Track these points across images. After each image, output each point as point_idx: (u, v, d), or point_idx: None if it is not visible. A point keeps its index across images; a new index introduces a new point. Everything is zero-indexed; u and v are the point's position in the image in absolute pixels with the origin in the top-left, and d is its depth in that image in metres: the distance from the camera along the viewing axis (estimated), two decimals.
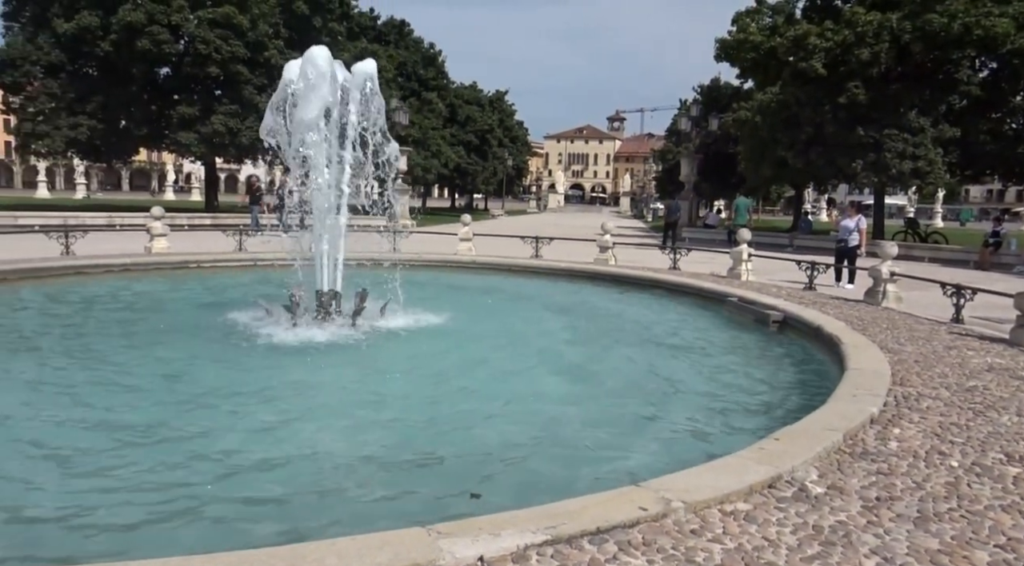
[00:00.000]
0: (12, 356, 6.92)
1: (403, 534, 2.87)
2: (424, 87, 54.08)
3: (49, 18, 32.12)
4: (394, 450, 4.76)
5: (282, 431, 5.09)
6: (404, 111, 36.81)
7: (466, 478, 4.29)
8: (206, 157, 37.48)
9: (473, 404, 5.94)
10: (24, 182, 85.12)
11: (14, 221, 23.95)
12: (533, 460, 4.66)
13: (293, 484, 4.13)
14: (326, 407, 5.87)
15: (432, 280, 12.84)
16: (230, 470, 4.31)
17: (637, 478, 3.73)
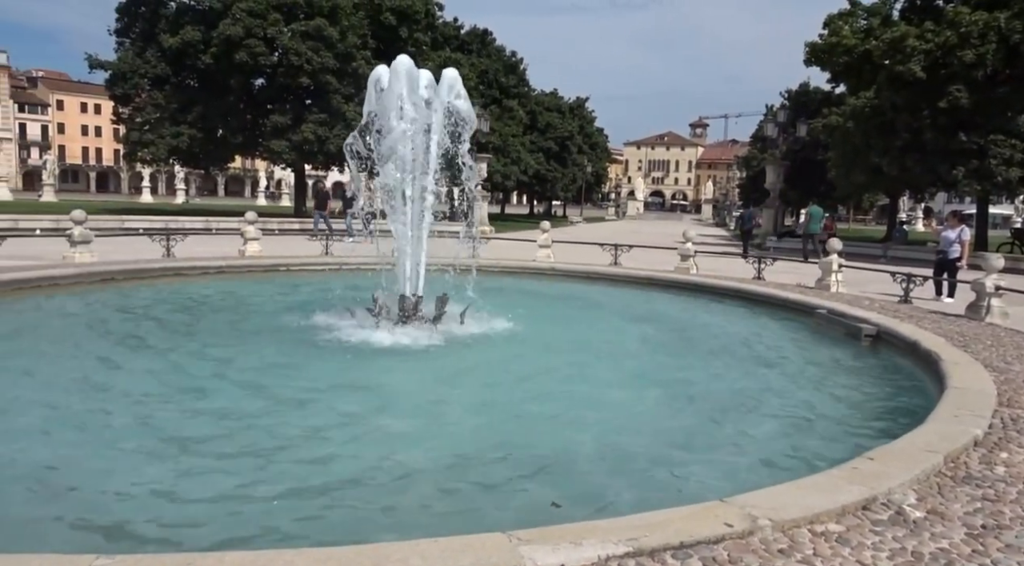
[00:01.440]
0: (123, 351, 7.35)
1: (484, 539, 2.88)
2: (505, 94, 54.56)
3: (156, 33, 34.16)
4: (474, 454, 4.80)
5: (362, 431, 5.21)
6: (485, 119, 37.21)
7: (546, 485, 4.28)
8: (296, 164, 38.95)
9: (552, 411, 5.92)
10: (130, 187, 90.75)
11: (121, 224, 25.55)
12: (612, 470, 4.61)
13: (372, 484, 4.22)
14: (405, 410, 5.98)
15: (511, 286, 12.92)
16: (309, 467, 4.43)
17: (720, 493, 3.64)
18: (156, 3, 35.47)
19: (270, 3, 33.32)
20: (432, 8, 40.60)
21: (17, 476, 4.09)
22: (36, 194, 54.82)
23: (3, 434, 4.77)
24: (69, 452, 4.50)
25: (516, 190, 74.84)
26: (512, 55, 58.41)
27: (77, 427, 4.99)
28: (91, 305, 9.74)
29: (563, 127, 66.58)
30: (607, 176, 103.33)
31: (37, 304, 9.40)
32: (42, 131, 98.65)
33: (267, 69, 35.06)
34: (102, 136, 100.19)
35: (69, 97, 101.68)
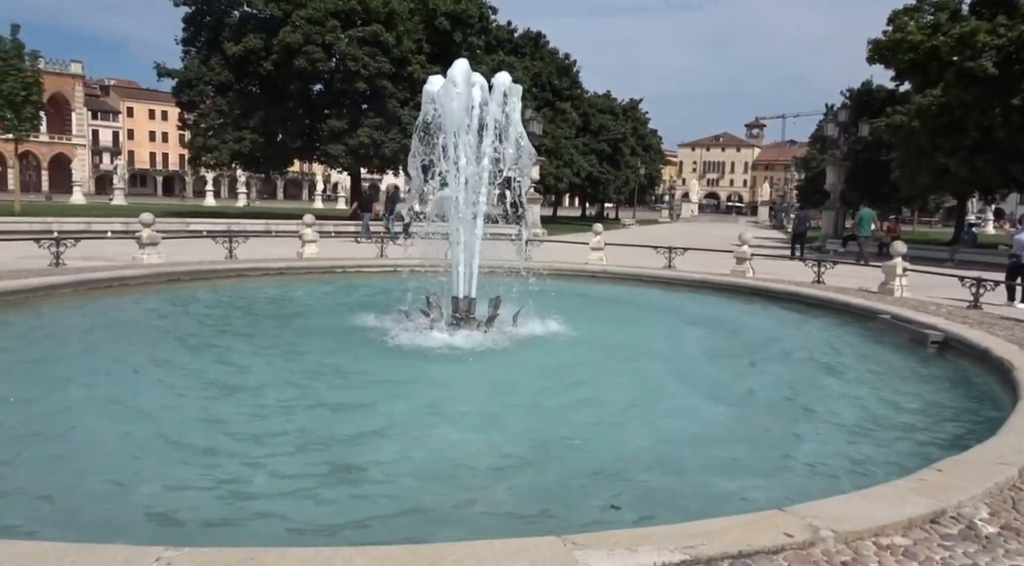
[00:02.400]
0: (186, 349, 7.60)
1: (539, 542, 2.88)
2: (558, 97, 54.50)
3: (220, 42, 35.30)
4: (527, 456, 4.80)
5: (415, 432, 5.26)
6: (538, 121, 37.26)
7: (600, 489, 4.25)
8: (352, 168, 39.71)
9: (606, 415, 5.89)
10: (194, 191, 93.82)
11: (186, 227, 26.47)
12: (667, 475, 4.55)
13: (426, 484, 4.25)
14: (458, 411, 6.02)
15: (563, 289, 12.86)
16: (363, 466, 4.49)
17: (778, 502, 3.55)
18: (220, 13, 36.66)
19: (328, 10, 34.07)
20: (486, 12, 40.88)
21: (90, 468, 4.27)
22: (107, 198, 57.26)
23: (76, 426, 4.98)
24: (136, 445, 4.67)
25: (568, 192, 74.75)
26: (565, 57, 58.33)
27: (145, 421, 5.17)
28: (158, 305, 10.10)
29: (616, 129, 66.17)
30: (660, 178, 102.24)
31: (109, 303, 9.79)
32: (113, 137, 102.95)
33: (325, 75, 35.86)
34: (168, 142, 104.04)
35: (138, 104, 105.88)
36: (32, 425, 4.97)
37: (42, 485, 3.99)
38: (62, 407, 5.39)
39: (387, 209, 26.24)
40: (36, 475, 4.13)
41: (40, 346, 7.39)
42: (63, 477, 4.13)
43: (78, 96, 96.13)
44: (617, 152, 67.42)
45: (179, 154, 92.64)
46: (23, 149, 39.34)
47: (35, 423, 5.02)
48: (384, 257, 16.25)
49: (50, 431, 4.89)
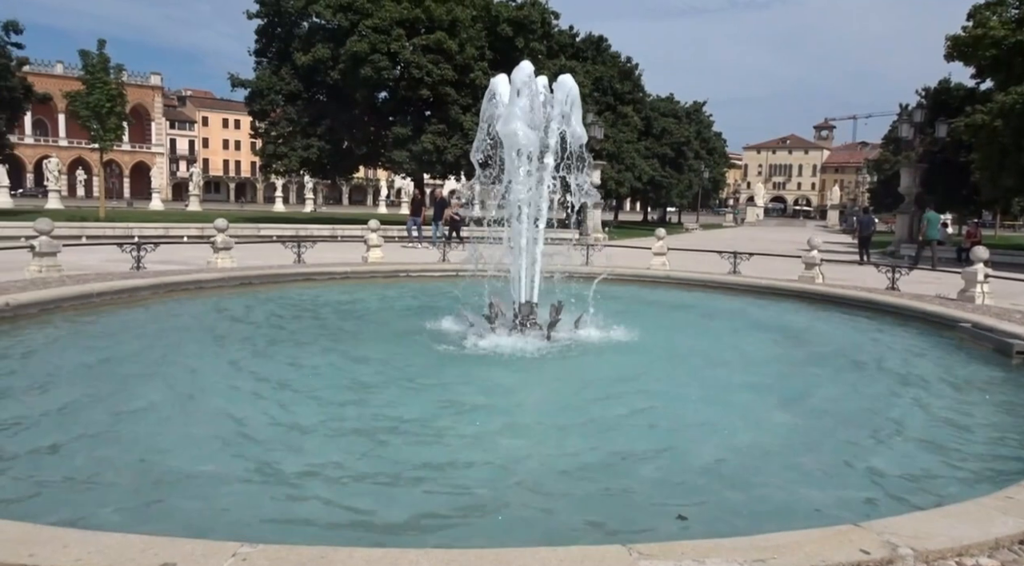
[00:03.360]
0: (254, 351, 7.85)
1: (604, 551, 2.86)
2: (620, 101, 54.13)
3: (290, 52, 36.42)
4: (591, 462, 4.77)
5: (477, 436, 5.28)
6: (599, 125, 37.08)
7: (666, 497, 4.19)
8: (415, 173, 40.32)
9: (670, 422, 5.80)
10: (264, 197, 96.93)
11: (257, 232, 27.36)
12: (735, 485, 4.45)
13: (489, 488, 4.27)
14: (521, 415, 6.03)
15: (625, 294, 12.76)
16: (426, 469, 4.52)
17: (853, 517, 3.43)
18: (291, 24, 37.82)
19: (394, 19, 34.73)
20: (548, 18, 40.94)
21: (170, 463, 4.44)
22: (183, 204, 59.68)
23: (156, 423, 5.20)
24: (213, 443, 4.84)
25: (630, 197, 74.06)
26: (627, 61, 57.88)
27: (220, 420, 5.35)
28: (231, 307, 10.46)
29: (679, 132, 65.31)
30: (725, 182, 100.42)
31: (185, 305, 10.19)
32: (189, 146, 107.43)
33: (390, 82, 36.54)
34: (241, 149, 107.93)
35: (213, 114, 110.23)
36: (116, 421, 5.21)
37: (126, 478, 4.18)
38: (144, 404, 5.63)
39: (435, 214, 26.52)
40: (121, 469, 4.33)
41: (125, 345, 7.74)
42: (144, 471, 4.31)
43: (157, 107, 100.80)
44: (680, 156, 66.52)
45: (251, 161, 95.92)
46: (107, 158, 41.42)
47: (119, 419, 5.26)
48: (446, 262, 16.43)
49: (132, 427, 5.12)
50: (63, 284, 9.72)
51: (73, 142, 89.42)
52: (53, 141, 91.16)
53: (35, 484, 4.03)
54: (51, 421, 5.11)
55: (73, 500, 3.82)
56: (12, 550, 2.55)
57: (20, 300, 8.14)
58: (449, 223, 25.63)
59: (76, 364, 6.72)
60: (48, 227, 11.98)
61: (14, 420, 5.06)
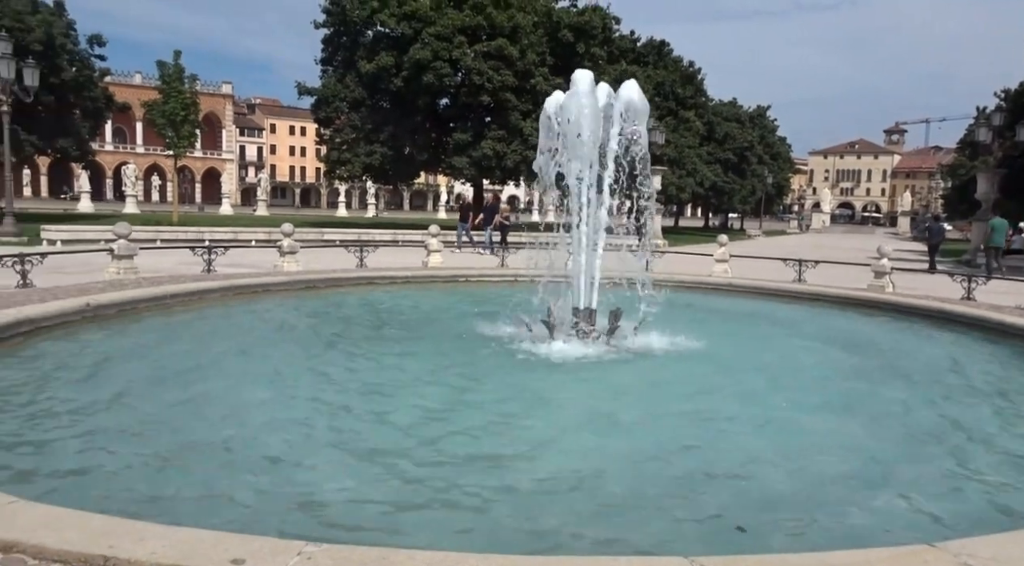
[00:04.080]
0: (319, 353, 8.04)
1: (664, 562, 2.82)
2: (681, 106, 53.45)
3: (355, 60, 37.22)
4: (649, 471, 4.71)
5: (535, 443, 5.26)
6: (660, 131, 36.68)
7: (727, 510, 4.10)
8: (475, 179, 40.67)
9: (732, 433, 5.67)
10: (328, 202, 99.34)
11: (320, 236, 28.01)
12: (800, 500, 4.33)
13: (548, 495, 4.25)
14: (578, 423, 5.99)
15: (686, 301, 12.57)
16: (484, 475, 4.53)
17: (927, 536, 3.29)
18: (356, 33, 38.67)
19: (456, 26, 35.13)
20: (609, 23, 40.75)
21: (238, 461, 4.59)
22: (251, 208, 61.67)
23: (223, 422, 5.38)
24: (280, 442, 4.98)
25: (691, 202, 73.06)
26: (689, 65, 57.12)
27: (286, 420, 5.50)
28: (295, 309, 10.75)
29: (742, 137, 64.11)
30: (789, 187, 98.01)
31: (252, 307, 10.51)
32: (257, 152, 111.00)
33: (451, 89, 36.99)
34: (306, 156, 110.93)
35: (280, 121, 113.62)
36: (187, 418, 5.41)
37: (200, 471, 4.33)
38: (214, 400, 5.84)
39: (486, 220, 26.62)
40: (196, 462, 4.49)
41: (197, 344, 8.04)
42: (214, 467, 4.46)
43: (228, 115, 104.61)
44: (743, 161, 65.26)
45: (315, 167, 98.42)
46: (181, 164, 43.12)
47: (190, 417, 5.46)
48: (505, 267, 16.50)
49: (203, 424, 5.30)
50: (139, 286, 10.16)
51: (149, 149, 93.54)
52: (131, 148, 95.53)
53: (117, 473, 4.22)
54: (134, 413, 5.34)
55: (150, 491, 3.98)
56: (94, 541, 2.67)
57: (100, 301, 8.54)
58: (498, 228, 25.83)
59: (152, 362, 7.01)
60: (126, 231, 12.54)
61: (101, 411, 5.31)
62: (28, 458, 4.42)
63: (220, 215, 49.56)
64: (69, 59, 37.78)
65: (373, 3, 36.34)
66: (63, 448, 4.62)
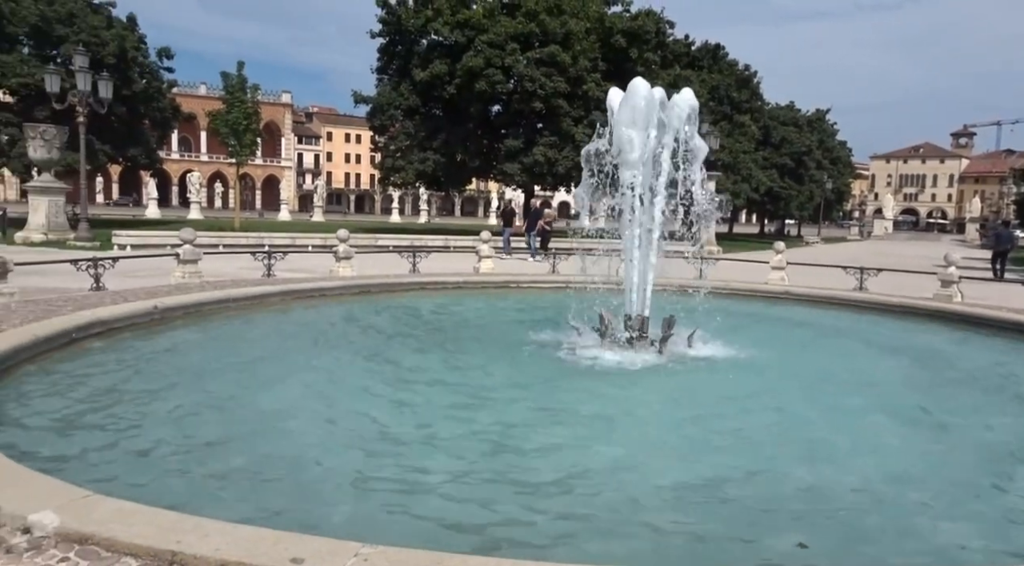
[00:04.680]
0: (376, 357, 8.18)
1: None
2: (736, 110, 52.63)
3: (410, 69, 37.81)
4: (703, 484, 4.64)
5: (585, 452, 5.23)
6: (715, 136, 36.16)
7: (788, 528, 4.00)
8: (527, 185, 40.80)
9: (791, 446, 5.53)
10: (381, 209, 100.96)
11: (374, 242, 28.48)
12: (864, 519, 4.19)
13: (597, 507, 4.21)
14: (631, 433, 5.93)
15: (740, 310, 12.35)
16: (538, 483, 4.52)
17: (1003, 559, 3.16)
18: (411, 42, 39.28)
19: (508, 34, 35.37)
20: (663, 27, 40.44)
21: (295, 463, 4.70)
22: (308, 215, 63.09)
23: (285, 419, 5.52)
24: (336, 443, 5.09)
25: (746, 208, 71.76)
26: (745, 69, 56.22)
27: (343, 422, 5.61)
28: (350, 313, 10.95)
29: (800, 141, 62.70)
30: (849, 193, 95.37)
31: (309, 311, 10.76)
32: (315, 160, 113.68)
33: (503, 96, 37.22)
34: (361, 163, 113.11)
35: (336, 129, 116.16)
36: (249, 420, 5.57)
37: (261, 471, 4.45)
38: (276, 401, 5.99)
39: (529, 225, 26.60)
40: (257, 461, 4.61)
41: (258, 346, 8.28)
42: (277, 465, 4.58)
43: (287, 123, 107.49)
44: (801, 166, 63.80)
45: (370, 174, 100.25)
46: (242, 171, 44.47)
47: (251, 418, 5.62)
48: (557, 273, 16.49)
49: (268, 423, 5.45)
50: (203, 289, 10.50)
51: (213, 157, 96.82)
52: (195, 156, 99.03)
53: (184, 472, 4.37)
54: (197, 414, 5.53)
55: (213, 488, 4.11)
56: (162, 536, 2.78)
57: (167, 303, 8.86)
58: (540, 233, 25.87)
59: (218, 363, 7.24)
60: (191, 236, 13.00)
61: (169, 411, 5.52)
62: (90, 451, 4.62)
63: (278, 221, 50.87)
64: (140, 71, 39.38)
65: (428, 12, 36.88)
66: (128, 441, 4.81)
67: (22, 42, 36.94)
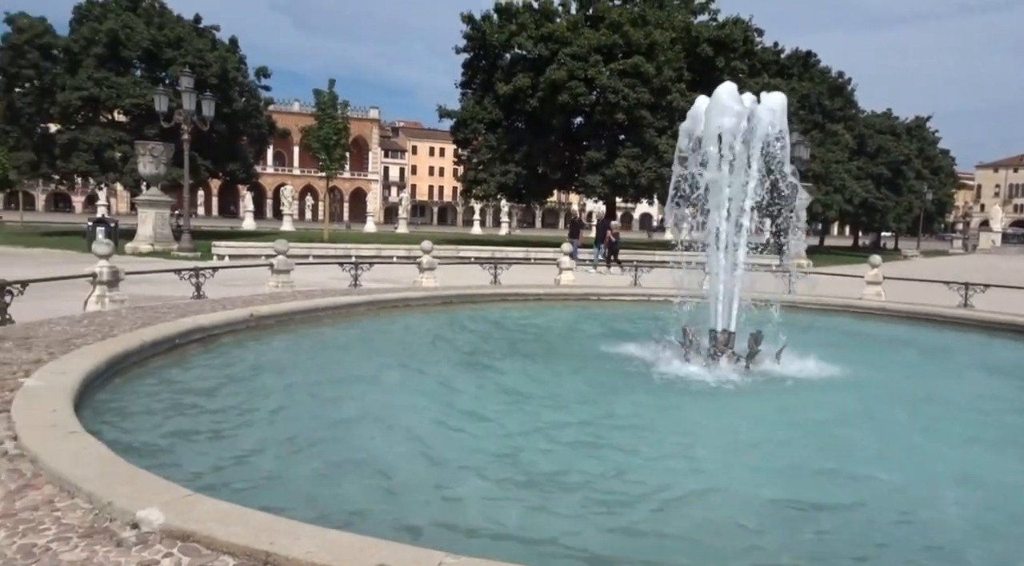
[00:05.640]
0: (455, 367, 8.28)
1: None
2: (829, 118, 50.80)
3: (493, 83, 38.37)
4: (792, 512, 4.45)
5: (668, 470, 5.10)
6: (805, 145, 34.95)
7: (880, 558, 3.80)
8: (608, 197, 40.59)
9: (886, 472, 5.22)
10: (463, 221, 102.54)
11: (456, 254, 28.92)
12: (964, 549, 3.94)
13: (680, 527, 4.12)
14: (716, 453, 5.74)
15: (833, 326, 11.86)
16: (621, 500, 4.45)
17: None
18: (495, 57, 39.90)
19: (592, 46, 35.38)
20: (751, 35, 39.56)
21: (378, 469, 4.80)
22: (393, 226, 64.70)
23: (366, 432, 5.65)
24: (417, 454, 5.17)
25: (838, 220, 69.00)
26: (838, 76, 54.24)
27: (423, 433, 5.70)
28: (434, 324, 11.13)
29: (897, 150, 59.89)
30: (952, 204, 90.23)
31: (394, 320, 11.00)
32: (400, 173, 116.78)
33: (585, 108, 37.24)
34: (444, 176, 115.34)
35: (421, 143, 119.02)
36: (335, 425, 5.75)
37: (343, 477, 4.58)
38: (357, 409, 6.15)
39: (597, 237, 26.38)
40: (343, 468, 4.75)
41: (344, 354, 8.54)
42: (362, 472, 4.69)
43: (374, 138, 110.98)
44: (898, 176, 60.87)
45: (452, 186, 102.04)
46: (332, 184, 46.12)
47: (338, 423, 5.79)
48: (638, 286, 16.29)
49: (353, 430, 5.61)
50: (295, 298, 10.91)
51: (304, 171, 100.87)
52: (288, 170, 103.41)
53: (275, 472, 4.54)
54: (288, 418, 5.75)
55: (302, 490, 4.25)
56: (257, 537, 2.89)
57: (262, 312, 9.25)
58: (608, 245, 25.70)
59: (307, 369, 7.51)
60: (284, 247, 13.57)
61: (262, 414, 5.76)
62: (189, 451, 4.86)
63: (365, 232, 52.38)
64: (239, 90, 41.55)
65: (511, 27, 37.35)
66: (222, 441, 5.05)
67: (135, 65, 39.65)
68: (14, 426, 4.23)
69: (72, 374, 5.38)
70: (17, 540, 2.89)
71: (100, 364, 5.90)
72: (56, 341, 6.80)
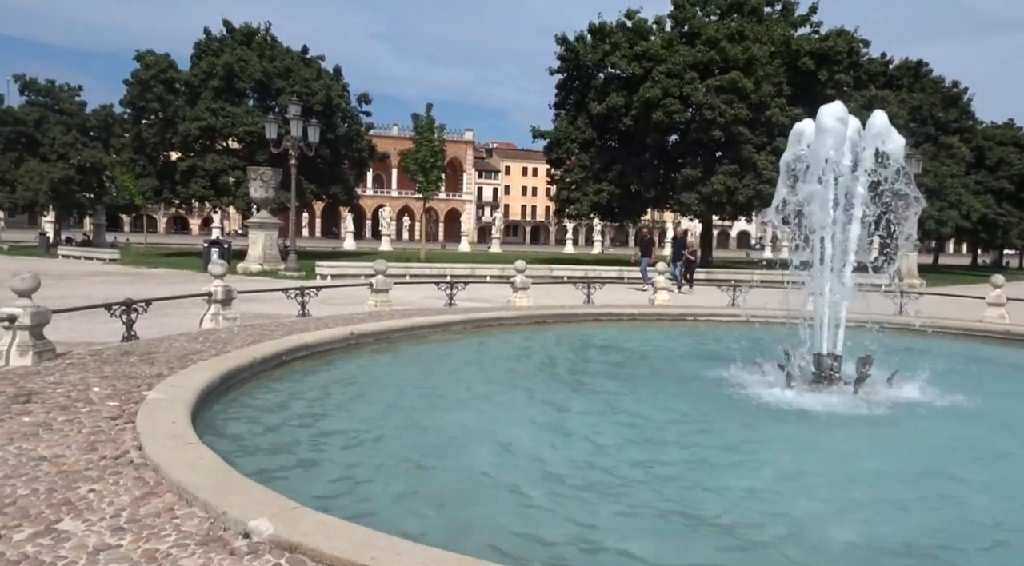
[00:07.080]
0: (550, 388, 8.27)
1: None
2: (942, 130, 47.99)
3: (586, 103, 38.47)
4: (903, 546, 4.17)
5: (770, 501, 4.87)
6: (916, 159, 33.10)
7: None
8: (704, 215, 39.72)
9: (1011, 509, 4.83)
10: (555, 240, 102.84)
11: (549, 273, 28.98)
12: None
13: (761, 556, 3.96)
14: (814, 481, 5.45)
15: (951, 350, 11.08)
16: (711, 528, 4.31)
17: None
18: (588, 77, 40.03)
19: (687, 63, 34.91)
20: (856, 46, 37.98)
21: (474, 487, 4.84)
22: (486, 246, 65.70)
23: (463, 449, 5.72)
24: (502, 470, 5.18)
25: (954, 238, 64.75)
26: (953, 86, 51.23)
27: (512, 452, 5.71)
28: (527, 344, 11.17)
29: (1021, 163, 55.70)
30: None
31: (488, 339, 11.13)
32: (493, 193, 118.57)
33: (681, 125, 36.71)
34: (537, 195, 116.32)
35: (514, 163, 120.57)
36: (433, 443, 5.84)
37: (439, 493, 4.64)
38: (454, 426, 6.24)
39: (674, 255, 25.61)
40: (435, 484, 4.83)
41: (441, 372, 8.70)
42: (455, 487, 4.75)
43: (469, 159, 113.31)
44: (1022, 190, 56.56)
45: (545, 206, 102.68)
46: (428, 205, 47.38)
47: (436, 441, 5.88)
48: (736, 306, 15.81)
49: (445, 447, 5.69)
50: (393, 317, 11.24)
51: (402, 192, 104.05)
52: (387, 192, 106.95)
53: (374, 487, 4.66)
54: (387, 435, 5.90)
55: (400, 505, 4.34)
56: (359, 551, 2.97)
57: (362, 330, 9.58)
58: (685, 263, 24.96)
59: (406, 386, 7.69)
60: (383, 267, 14.00)
61: (362, 430, 5.94)
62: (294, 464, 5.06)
63: (459, 252, 53.41)
64: (342, 116, 43.50)
65: (605, 47, 37.39)
66: (325, 455, 5.23)
67: (248, 95, 42.26)
68: (139, 436, 4.54)
69: (189, 388, 5.73)
70: (141, 545, 3.09)
71: (215, 379, 6.26)
72: (175, 356, 7.27)
